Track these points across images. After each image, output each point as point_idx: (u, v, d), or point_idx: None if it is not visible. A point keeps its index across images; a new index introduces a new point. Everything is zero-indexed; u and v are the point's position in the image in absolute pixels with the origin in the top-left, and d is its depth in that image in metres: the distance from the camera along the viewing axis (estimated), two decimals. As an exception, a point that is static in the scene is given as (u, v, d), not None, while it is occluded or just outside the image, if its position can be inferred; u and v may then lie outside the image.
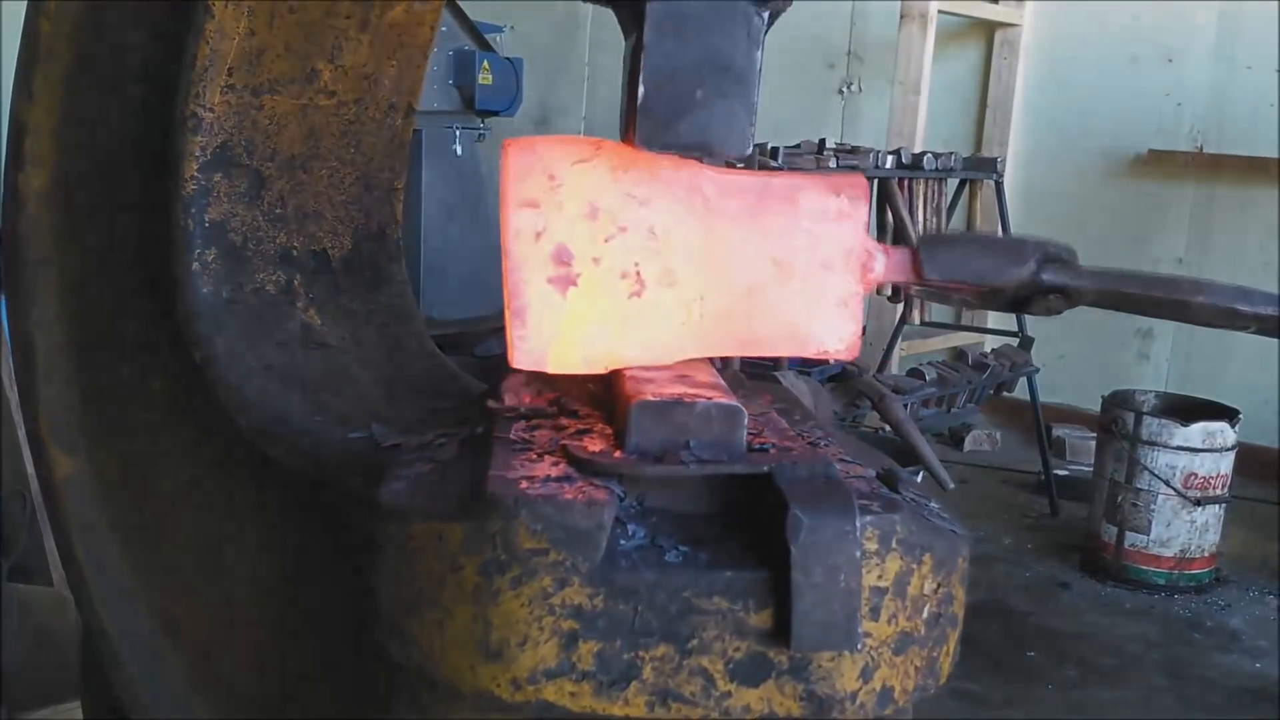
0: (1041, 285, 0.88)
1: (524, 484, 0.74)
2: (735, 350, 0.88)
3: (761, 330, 0.87)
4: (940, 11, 5.05)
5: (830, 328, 0.88)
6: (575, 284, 0.83)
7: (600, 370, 0.86)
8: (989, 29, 5.69)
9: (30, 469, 2.62)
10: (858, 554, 0.72)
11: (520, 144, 0.83)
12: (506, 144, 0.83)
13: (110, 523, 1.30)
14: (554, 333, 0.83)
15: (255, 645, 1.19)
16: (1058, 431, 5.14)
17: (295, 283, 1.10)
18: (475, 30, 6.23)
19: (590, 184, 0.83)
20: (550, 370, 0.84)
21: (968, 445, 5.23)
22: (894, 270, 0.89)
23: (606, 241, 0.84)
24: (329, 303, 1.12)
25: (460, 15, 6.14)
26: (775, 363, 3.46)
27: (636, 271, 0.84)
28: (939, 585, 0.77)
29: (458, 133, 6.17)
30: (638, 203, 0.84)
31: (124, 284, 1.22)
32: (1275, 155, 4.97)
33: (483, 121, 6.38)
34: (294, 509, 1.12)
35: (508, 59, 6.34)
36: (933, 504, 0.83)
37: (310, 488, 1.05)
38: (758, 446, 0.81)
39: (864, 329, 5.15)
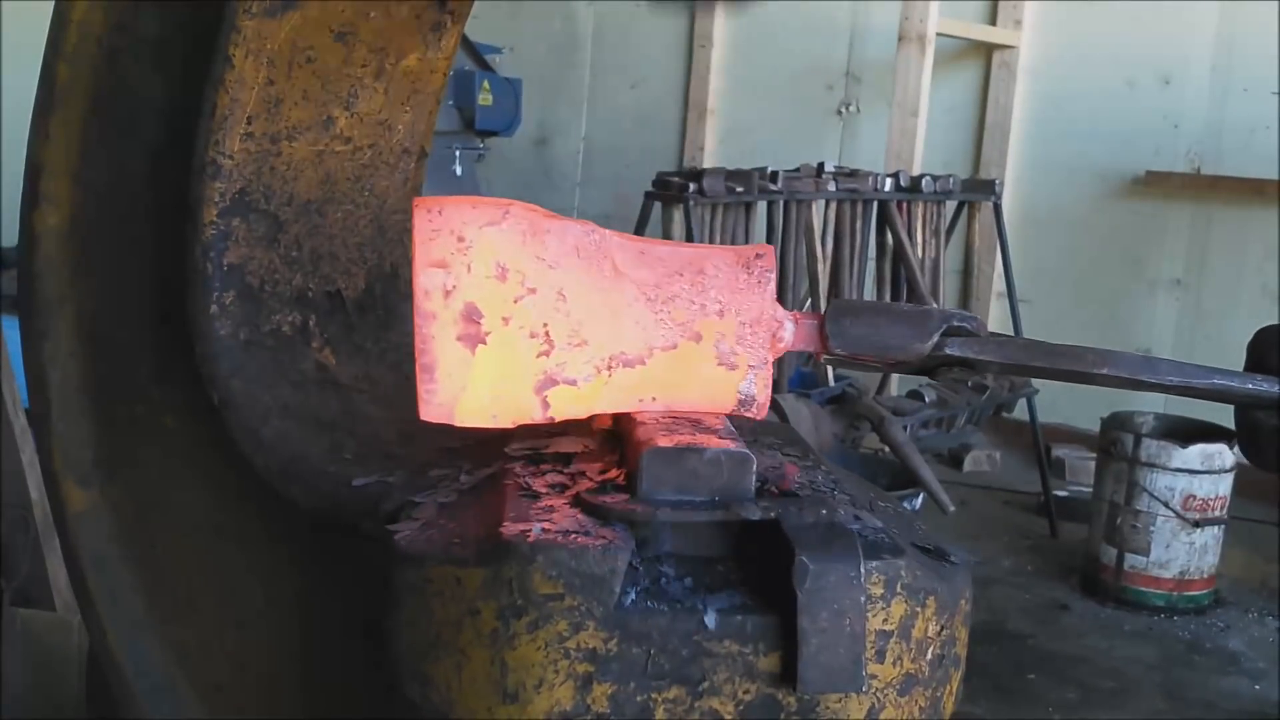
0: (944, 359, 0.92)
1: (539, 530, 0.76)
2: (645, 407, 0.90)
3: (672, 391, 0.90)
4: (938, 34, 5.09)
5: (740, 392, 0.91)
6: (484, 342, 0.85)
7: (508, 425, 0.88)
8: (987, 51, 5.74)
9: (33, 493, 2.63)
10: (863, 599, 0.74)
11: (428, 206, 0.85)
12: (416, 204, 0.86)
13: (123, 556, 1.32)
14: (462, 387, 0.85)
15: (268, 678, 1.21)
16: (1057, 452, 5.16)
17: (310, 323, 1.12)
18: (475, 51, 6.27)
19: (499, 246, 0.85)
20: (457, 423, 0.87)
21: (967, 466, 5.24)
22: (802, 340, 0.92)
23: (516, 302, 0.86)
24: (343, 342, 1.14)
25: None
26: (776, 386, 3.48)
27: (545, 331, 0.87)
28: (942, 627, 0.79)
29: (458, 153, 6.21)
30: (547, 265, 0.87)
31: (138, 321, 1.24)
32: (1272, 177, 5.01)
33: (482, 142, 6.41)
34: (308, 542, 1.14)
35: (507, 79, 6.38)
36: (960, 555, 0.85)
37: (325, 522, 1.07)
38: (768, 490, 0.84)
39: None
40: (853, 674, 0.74)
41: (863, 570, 0.74)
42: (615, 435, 0.93)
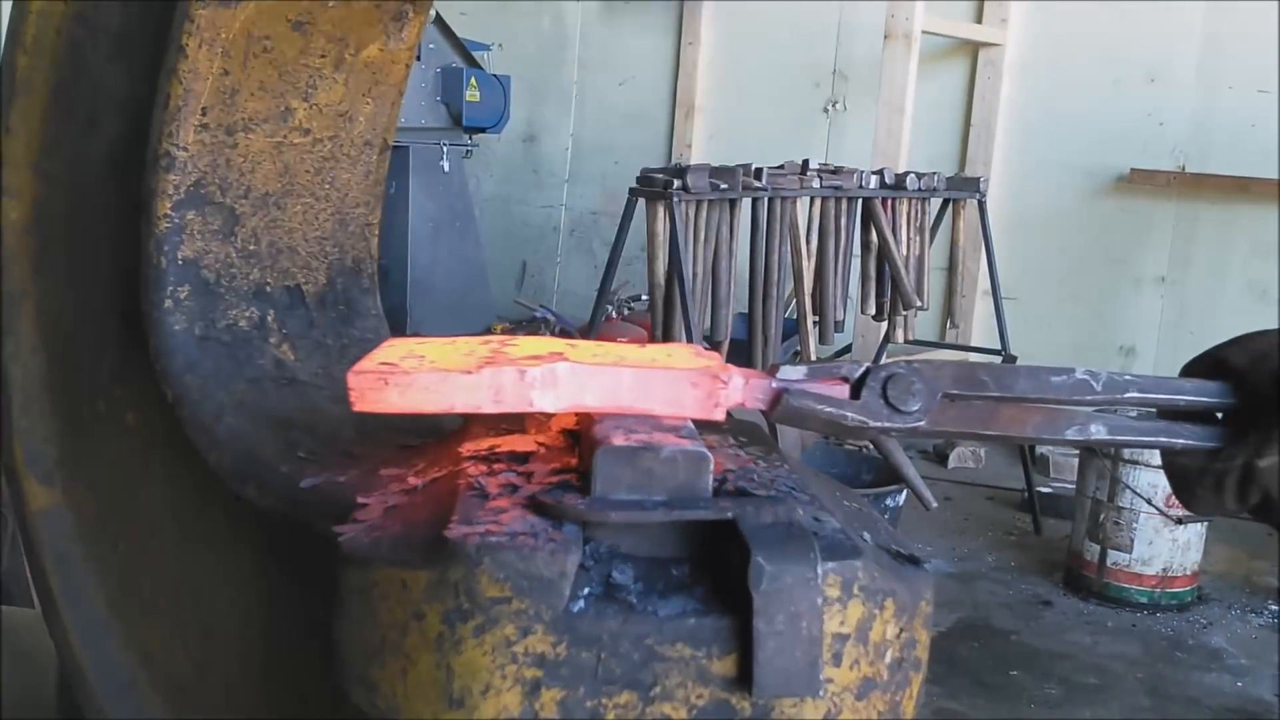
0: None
1: (487, 530, 0.74)
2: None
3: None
4: (924, 31, 5.09)
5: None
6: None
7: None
8: (973, 49, 5.73)
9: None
10: (819, 601, 0.72)
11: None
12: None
13: (86, 555, 1.30)
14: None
15: (231, 679, 1.19)
16: (1041, 448, 5.16)
17: (268, 318, 1.10)
18: (463, 47, 6.25)
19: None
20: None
21: (952, 462, 5.24)
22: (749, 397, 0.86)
23: None
24: (302, 338, 1.12)
25: (448, 32, 6.16)
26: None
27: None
28: (901, 630, 0.78)
29: (445, 149, 6.19)
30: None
31: (100, 316, 1.23)
32: (1257, 174, 5.01)
33: (470, 138, 6.40)
34: (271, 542, 1.12)
35: (495, 76, 6.36)
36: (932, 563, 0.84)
37: (281, 522, 1.05)
38: (725, 491, 0.82)
39: (849, 347, 5.15)
40: (809, 678, 0.73)
41: (819, 571, 0.73)
42: (573, 433, 0.92)
